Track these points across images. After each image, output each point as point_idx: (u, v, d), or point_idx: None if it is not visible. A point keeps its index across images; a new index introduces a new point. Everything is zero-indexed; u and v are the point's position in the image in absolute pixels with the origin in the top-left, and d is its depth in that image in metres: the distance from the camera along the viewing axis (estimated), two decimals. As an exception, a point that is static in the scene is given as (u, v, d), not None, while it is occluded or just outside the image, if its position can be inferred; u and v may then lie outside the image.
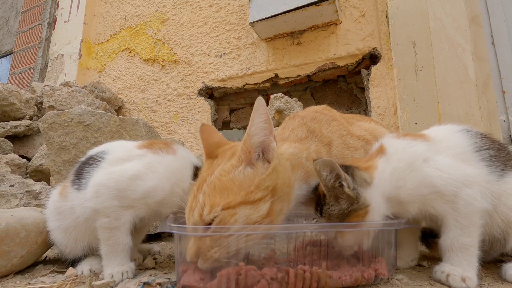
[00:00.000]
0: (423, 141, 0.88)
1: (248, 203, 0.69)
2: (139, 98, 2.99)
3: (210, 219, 0.69)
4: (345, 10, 2.29)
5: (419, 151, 0.85)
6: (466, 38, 1.79)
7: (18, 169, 1.85)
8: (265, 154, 0.74)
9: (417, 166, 0.82)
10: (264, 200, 0.71)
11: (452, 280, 0.78)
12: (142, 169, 0.87)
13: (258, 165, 0.73)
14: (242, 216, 0.68)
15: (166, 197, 0.86)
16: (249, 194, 0.70)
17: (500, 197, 0.83)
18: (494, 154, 0.87)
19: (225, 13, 2.72)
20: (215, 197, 0.70)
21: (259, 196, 0.70)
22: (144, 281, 0.80)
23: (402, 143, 0.88)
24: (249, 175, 0.72)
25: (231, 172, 0.72)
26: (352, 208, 0.77)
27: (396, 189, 0.81)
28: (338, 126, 0.99)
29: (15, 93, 2.24)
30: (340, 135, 0.96)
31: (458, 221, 0.79)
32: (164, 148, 0.92)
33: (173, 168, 0.88)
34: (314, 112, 1.00)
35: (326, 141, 0.92)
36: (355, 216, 0.78)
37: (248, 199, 0.69)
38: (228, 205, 0.68)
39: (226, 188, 0.70)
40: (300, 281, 0.72)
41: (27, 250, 0.97)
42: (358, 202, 0.77)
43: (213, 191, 0.70)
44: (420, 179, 0.81)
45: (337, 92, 2.46)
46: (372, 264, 0.80)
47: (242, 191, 0.70)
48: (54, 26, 3.64)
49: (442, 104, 1.78)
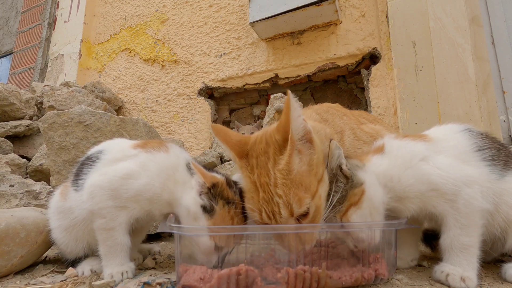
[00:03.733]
0: (422, 141, 0.89)
1: (320, 181, 0.78)
2: (139, 98, 2.99)
3: (304, 211, 0.74)
4: (345, 10, 2.29)
5: (417, 150, 0.86)
6: (466, 38, 1.79)
7: (18, 169, 1.85)
8: (305, 136, 0.79)
9: (413, 164, 0.83)
10: (324, 171, 0.80)
11: (452, 280, 0.78)
12: (135, 167, 0.87)
13: (304, 149, 0.78)
14: (322, 192, 0.78)
15: (156, 193, 0.86)
16: (317, 174, 0.77)
17: (501, 196, 0.83)
18: (495, 154, 0.87)
19: (225, 13, 2.72)
20: (296, 192, 0.73)
21: (321, 171, 0.79)
22: (144, 281, 0.80)
23: (400, 143, 0.90)
24: (305, 160, 0.77)
25: (293, 168, 0.75)
26: (348, 187, 0.80)
27: (391, 182, 0.83)
28: (349, 120, 1.06)
29: (15, 93, 2.24)
30: (351, 128, 1.03)
31: (458, 221, 0.79)
32: (157, 146, 0.92)
33: (164, 164, 0.88)
34: (328, 107, 1.09)
35: (338, 129, 1.00)
36: (353, 195, 0.80)
37: (319, 179, 0.78)
38: (312, 193, 0.74)
39: (298, 182, 0.74)
40: (300, 281, 0.72)
41: (27, 250, 0.97)
42: (353, 181, 0.81)
43: (290, 189, 0.73)
44: (416, 176, 0.82)
45: (337, 92, 2.46)
46: (372, 264, 0.80)
47: (311, 176, 0.76)
48: (54, 26, 3.64)
49: (442, 104, 1.78)
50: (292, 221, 0.74)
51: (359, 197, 0.79)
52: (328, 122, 1.01)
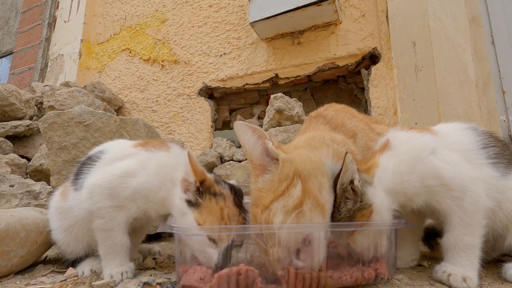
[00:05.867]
0: (429, 134, 0.87)
1: (277, 197, 0.75)
2: (139, 98, 2.99)
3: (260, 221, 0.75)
4: (345, 10, 2.29)
5: (426, 142, 0.84)
6: (466, 38, 1.79)
7: (18, 169, 1.85)
8: (269, 155, 0.80)
9: (424, 157, 0.81)
10: (292, 185, 0.75)
11: (453, 280, 0.77)
12: (134, 166, 0.87)
13: (271, 167, 0.79)
14: (278, 208, 0.73)
15: (152, 192, 0.85)
16: (275, 190, 0.76)
17: (504, 193, 0.83)
18: (499, 152, 0.87)
19: (225, 13, 2.72)
20: (257, 205, 0.77)
21: (283, 187, 0.75)
22: (144, 281, 0.80)
23: (408, 135, 0.87)
24: (270, 178, 0.78)
25: (256, 186, 0.79)
26: (356, 208, 0.77)
27: (401, 184, 0.80)
28: (359, 121, 1.06)
29: (15, 93, 2.24)
30: (362, 129, 1.02)
31: (463, 219, 0.78)
32: (158, 145, 0.92)
33: (164, 163, 0.88)
34: (335, 110, 1.08)
35: (350, 134, 0.99)
36: (361, 216, 0.77)
37: (276, 195, 0.75)
38: (263, 207, 0.75)
39: (258, 198, 0.78)
40: (300, 280, 0.72)
41: (27, 250, 0.97)
42: (361, 201, 0.77)
43: (256, 200, 0.78)
44: (427, 170, 0.80)
45: (337, 92, 2.46)
46: (372, 264, 0.80)
47: (269, 193, 0.76)
48: (54, 26, 3.64)
49: (442, 104, 1.78)
50: None
51: (366, 219, 0.77)
52: (338, 128, 1.00)
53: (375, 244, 0.79)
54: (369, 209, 0.77)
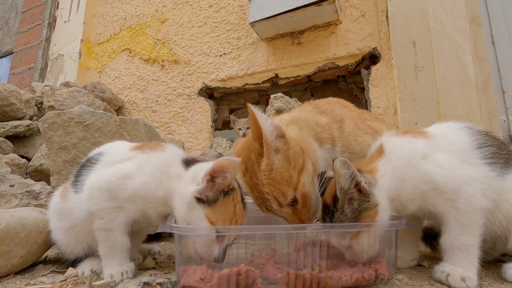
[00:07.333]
0: (422, 138, 0.87)
1: (301, 171, 0.84)
2: (139, 98, 2.99)
3: (291, 200, 0.82)
4: (345, 10, 2.29)
5: (418, 148, 0.84)
6: (466, 38, 1.79)
7: (18, 169, 1.85)
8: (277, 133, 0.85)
9: (416, 163, 0.81)
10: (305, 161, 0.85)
11: (452, 280, 0.77)
12: (132, 168, 0.88)
13: (280, 145, 0.84)
14: (306, 179, 0.84)
15: (150, 192, 0.86)
16: (296, 166, 0.84)
17: (502, 193, 0.83)
18: (496, 152, 0.86)
19: (225, 13, 2.72)
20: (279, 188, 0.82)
21: (301, 162, 0.85)
22: (144, 281, 0.80)
23: (400, 141, 0.87)
24: (282, 157, 0.84)
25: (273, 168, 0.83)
26: (362, 208, 0.77)
27: (396, 190, 0.81)
28: (350, 111, 1.09)
29: (15, 93, 2.24)
30: (352, 118, 1.05)
31: (459, 220, 0.78)
32: (154, 147, 0.94)
33: (159, 162, 0.89)
34: (329, 99, 1.14)
35: (337, 118, 1.02)
36: (366, 217, 0.77)
37: (299, 170, 0.84)
38: (294, 184, 0.82)
39: (280, 178, 0.82)
40: (300, 282, 0.72)
41: (27, 250, 0.97)
42: (369, 201, 0.77)
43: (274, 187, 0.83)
44: (419, 176, 0.80)
45: (337, 92, 2.46)
46: (372, 264, 0.80)
47: (291, 170, 0.83)
48: (54, 26, 3.64)
49: (442, 104, 1.78)
50: (287, 209, 0.84)
51: (372, 219, 0.77)
52: (327, 113, 1.03)
53: (377, 245, 0.79)
54: (375, 209, 0.77)
